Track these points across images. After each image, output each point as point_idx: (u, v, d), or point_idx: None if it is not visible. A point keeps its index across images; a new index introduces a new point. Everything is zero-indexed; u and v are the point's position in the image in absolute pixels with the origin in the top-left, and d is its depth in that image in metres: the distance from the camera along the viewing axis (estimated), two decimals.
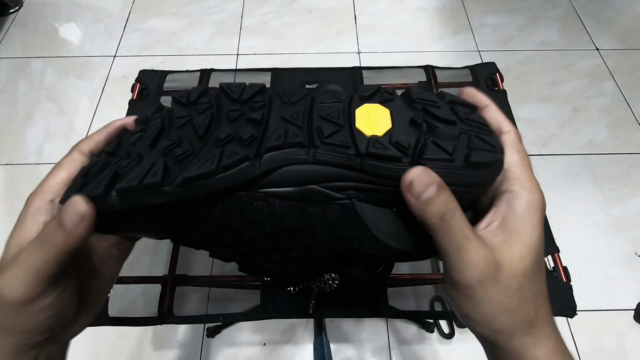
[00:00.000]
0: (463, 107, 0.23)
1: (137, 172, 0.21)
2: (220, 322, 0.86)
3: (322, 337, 0.76)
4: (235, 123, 0.23)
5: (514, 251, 0.21)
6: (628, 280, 0.99)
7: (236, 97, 0.25)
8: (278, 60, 1.38)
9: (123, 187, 0.20)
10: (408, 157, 0.21)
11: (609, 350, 0.91)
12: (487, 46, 1.42)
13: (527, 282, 0.21)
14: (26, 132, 1.23)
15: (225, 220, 0.23)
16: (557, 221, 1.04)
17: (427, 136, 0.22)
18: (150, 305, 0.46)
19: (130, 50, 1.42)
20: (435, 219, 0.20)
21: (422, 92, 0.24)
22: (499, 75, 0.61)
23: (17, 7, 1.53)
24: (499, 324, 0.21)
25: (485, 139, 0.22)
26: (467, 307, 0.21)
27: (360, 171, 0.22)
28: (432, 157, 0.20)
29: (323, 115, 0.23)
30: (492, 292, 0.20)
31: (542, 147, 1.20)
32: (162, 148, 0.22)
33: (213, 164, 0.20)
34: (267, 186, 0.22)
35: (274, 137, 0.22)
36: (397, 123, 0.22)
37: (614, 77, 1.34)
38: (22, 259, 0.20)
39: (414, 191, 0.20)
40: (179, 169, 0.21)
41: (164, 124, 0.24)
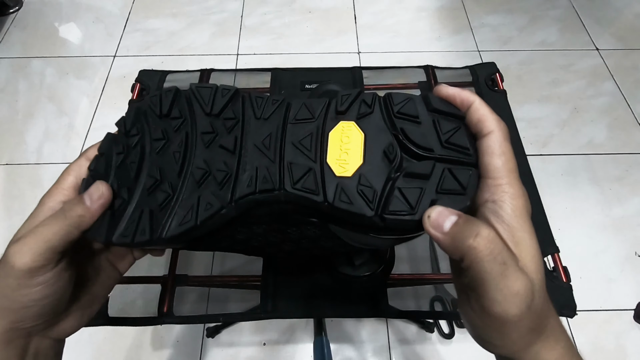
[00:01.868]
0: (447, 121, 0.23)
1: (129, 223, 0.24)
2: (220, 322, 0.86)
3: (322, 337, 0.76)
4: (210, 150, 0.25)
5: (525, 263, 0.20)
6: (628, 280, 0.99)
7: (208, 110, 0.25)
8: (278, 60, 1.38)
9: (118, 242, 0.24)
10: (372, 210, 0.21)
11: (609, 350, 0.91)
12: (487, 46, 1.42)
13: (536, 292, 0.20)
14: (26, 132, 1.23)
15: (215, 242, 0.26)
16: (557, 221, 1.04)
17: (398, 177, 0.22)
18: (150, 305, 0.46)
19: (130, 50, 1.42)
20: (468, 242, 0.19)
21: (404, 103, 0.23)
22: (499, 75, 0.61)
23: (17, 7, 1.53)
24: (521, 344, 0.20)
25: (458, 176, 0.21)
26: (494, 337, 0.21)
27: (329, 213, 0.23)
28: (394, 211, 0.21)
29: (295, 142, 0.24)
30: (525, 321, 0.19)
31: (542, 147, 1.20)
32: (145, 187, 0.24)
33: (192, 220, 0.23)
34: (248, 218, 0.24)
35: (246, 182, 0.23)
36: (370, 155, 0.23)
37: (614, 77, 1.34)
38: (38, 229, 0.22)
39: (434, 224, 0.20)
40: (164, 218, 0.23)
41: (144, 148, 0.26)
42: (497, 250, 0.19)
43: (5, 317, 0.22)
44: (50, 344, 0.25)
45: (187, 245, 0.27)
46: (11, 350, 0.23)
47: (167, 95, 0.26)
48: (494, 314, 0.19)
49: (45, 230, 0.22)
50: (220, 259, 0.97)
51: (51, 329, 0.25)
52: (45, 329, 0.25)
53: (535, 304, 0.19)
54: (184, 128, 0.25)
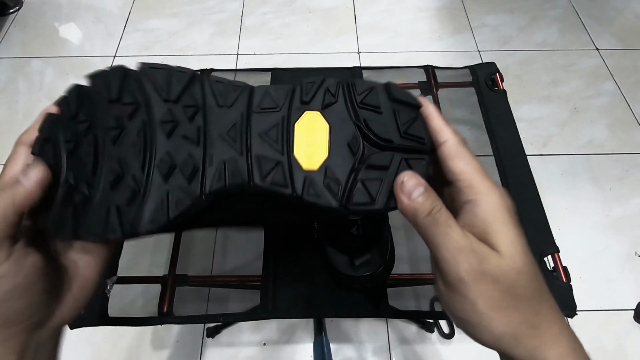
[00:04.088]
0: (405, 112, 0.24)
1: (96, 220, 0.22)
2: (220, 322, 0.86)
3: (322, 337, 0.76)
4: (172, 141, 0.23)
5: (501, 250, 0.21)
6: (628, 280, 0.99)
7: (165, 95, 0.24)
8: (278, 60, 1.38)
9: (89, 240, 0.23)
10: (337, 201, 0.23)
11: (609, 350, 0.91)
12: (487, 46, 1.42)
13: (521, 281, 0.20)
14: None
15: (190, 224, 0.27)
16: (557, 221, 1.04)
17: (360, 169, 0.24)
18: (150, 305, 0.46)
19: (130, 50, 1.42)
20: (424, 215, 0.22)
21: (366, 93, 0.24)
22: (499, 75, 0.61)
23: (17, 7, 1.53)
24: (498, 325, 0.20)
25: (413, 165, 0.23)
26: (461, 306, 0.21)
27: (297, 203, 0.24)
28: (357, 203, 0.23)
29: (261, 134, 0.24)
30: (482, 287, 0.20)
31: (542, 147, 1.20)
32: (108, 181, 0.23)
33: (163, 216, 0.22)
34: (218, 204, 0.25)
35: (215, 177, 0.23)
36: (334, 147, 0.24)
37: (614, 77, 1.34)
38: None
39: (405, 190, 0.22)
40: (133, 213, 0.22)
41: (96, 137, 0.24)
42: (442, 217, 0.21)
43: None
44: (49, 334, 0.25)
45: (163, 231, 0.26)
46: (10, 347, 0.22)
47: (115, 77, 0.24)
48: (447, 273, 0.21)
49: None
50: (220, 258, 0.97)
51: (48, 320, 0.24)
52: (41, 322, 0.24)
53: (500, 274, 0.20)
54: (139, 115, 0.24)
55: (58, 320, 0.25)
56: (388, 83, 0.25)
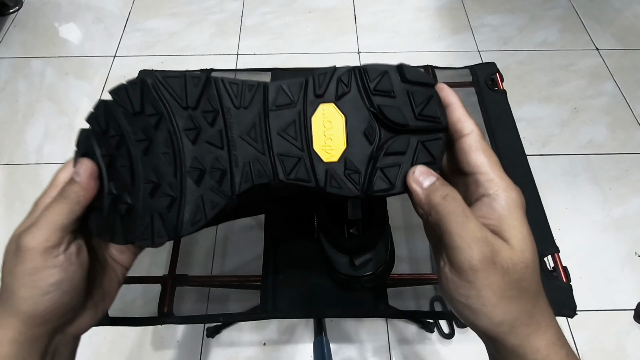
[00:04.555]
0: (420, 92, 0.25)
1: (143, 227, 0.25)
2: (220, 322, 0.86)
3: (322, 337, 0.76)
4: (198, 147, 0.25)
5: (512, 243, 0.22)
6: (628, 280, 0.99)
7: (184, 103, 0.26)
8: (278, 60, 1.38)
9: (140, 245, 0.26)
10: (358, 190, 0.25)
11: (609, 350, 0.91)
12: (487, 46, 1.42)
13: (527, 274, 0.21)
14: (26, 132, 1.23)
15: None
16: (557, 221, 1.04)
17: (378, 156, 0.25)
18: (150, 305, 0.46)
19: (130, 50, 1.42)
20: (439, 199, 0.22)
21: (379, 79, 0.25)
22: (499, 75, 0.61)
23: (17, 7, 1.53)
24: (500, 313, 0.21)
25: (430, 147, 0.24)
26: (467, 292, 0.21)
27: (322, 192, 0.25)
28: (377, 190, 0.24)
29: (280, 132, 0.25)
30: (492, 276, 0.21)
31: (542, 147, 1.20)
32: (147, 191, 0.25)
33: (202, 219, 0.24)
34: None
35: (243, 178, 0.25)
36: (352, 138, 0.25)
37: (614, 77, 1.34)
38: (44, 214, 0.23)
39: (417, 180, 0.24)
40: (174, 217, 0.25)
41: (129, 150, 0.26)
42: (459, 207, 0.22)
43: (29, 309, 0.23)
44: (67, 340, 0.26)
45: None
46: (33, 348, 0.23)
47: (134, 89, 0.26)
48: (459, 262, 0.21)
49: (50, 213, 0.23)
50: (220, 258, 0.97)
51: (70, 325, 0.26)
52: (66, 324, 0.25)
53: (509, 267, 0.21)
54: (163, 125, 0.26)
55: (77, 327, 0.26)
56: (401, 64, 0.25)
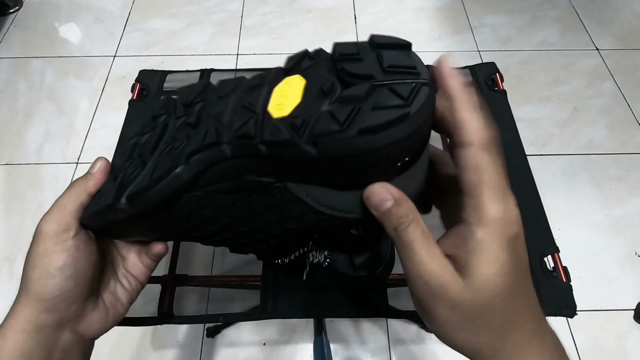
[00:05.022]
0: (392, 50, 0.21)
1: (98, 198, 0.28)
2: (220, 322, 0.86)
3: (322, 337, 0.76)
4: (179, 130, 0.27)
5: (470, 283, 0.19)
6: (628, 280, 0.99)
7: (184, 101, 0.28)
8: (278, 60, 1.36)
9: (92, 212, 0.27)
10: (302, 137, 0.20)
11: (609, 350, 0.91)
12: (487, 46, 1.42)
13: (485, 313, 0.20)
14: (26, 132, 1.23)
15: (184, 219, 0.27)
16: (557, 221, 1.04)
17: (332, 104, 0.20)
18: (150, 305, 0.46)
19: (130, 50, 1.42)
20: (390, 229, 0.21)
21: (346, 46, 0.23)
22: (499, 75, 0.61)
23: (17, 7, 1.53)
24: (458, 340, 0.21)
25: (398, 89, 0.19)
26: (425, 319, 0.22)
27: (270, 157, 0.22)
28: (323, 132, 0.19)
29: (244, 104, 0.24)
30: (439, 309, 0.20)
31: (542, 147, 1.20)
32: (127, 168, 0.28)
33: (145, 180, 0.25)
34: (206, 185, 0.25)
35: (195, 141, 0.24)
36: (307, 94, 0.22)
37: (614, 77, 1.34)
38: (56, 202, 0.27)
39: (371, 205, 0.21)
40: (130, 182, 0.26)
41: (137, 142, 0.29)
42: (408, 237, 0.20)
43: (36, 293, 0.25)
44: (78, 340, 0.27)
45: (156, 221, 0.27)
46: (41, 339, 0.24)
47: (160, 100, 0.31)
48: (410, 288, 0.21)
49: (61, 200, 0.27)
50: (220, 258, 0.97)
51: (78, 322, 0.27)
52: (73, 319, 0.26)
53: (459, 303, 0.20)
54: (165, 119, 0.29)
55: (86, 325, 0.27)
56: (373, 35, 0.23)
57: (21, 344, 0.23)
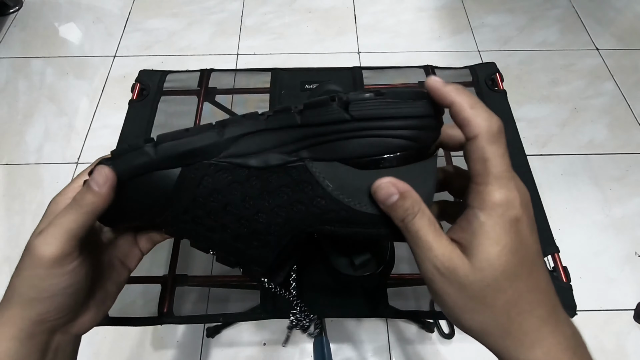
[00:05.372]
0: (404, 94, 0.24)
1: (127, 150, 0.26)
2: (220, 322, 0.86)
3: (322, 337, 0.76)
4: None
5: (474, 262, 0.21)
6: (628, 280, 0.99)
7: None
8: (278, 60, 1.38)
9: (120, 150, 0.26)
10: (334, 100, 0.23)
11: (609, 350, 0.91)
12: (487, 46, 1.42)
13: (489, 292, 0.21)
14: (26, 132, 1.23)
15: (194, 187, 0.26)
16: (557, 221, 1.04)
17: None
18: (150, 305, 0.46)
19: (130, 50, 1.42)
20: (398, 221, 0.23)
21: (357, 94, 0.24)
22: (499, 75, 0.61)
23: (17, 7, 1.53)
24: (467, 320, 0.22)
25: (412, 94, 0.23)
26: (435, 299, 0.23)
27: (303, 125, 0.24)
28: (359, 97, 0.23)
29: None
30: (448, 289, 0.22)
31: (542, 147, 1.20)
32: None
33: (180, 133, 0.25)
34: (232, 156, 0.26)
35: (235, 118, 0.26)
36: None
37: (614, 77, 1.34)
38: (58, 220, 0.23)
39: (378, 198, 0.23)
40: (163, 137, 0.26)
41: None
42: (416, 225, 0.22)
43: (33, 309, 0.23)
44: (69, 339, 0.26)
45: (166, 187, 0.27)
46: (33, 346, 0.23)
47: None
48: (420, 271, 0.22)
49: (65, 220, 0.23)
50: None
51: (72, 324, 0.26)
52: (66, 324, 0.26)
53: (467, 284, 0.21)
54: None
55: (79, 327, 0.27)
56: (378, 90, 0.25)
57: (14, 351, 0.23)
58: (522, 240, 0.21)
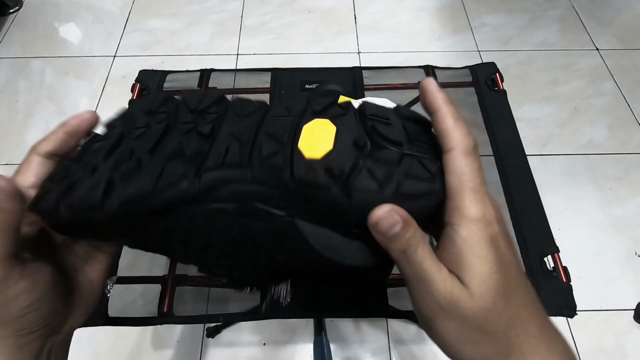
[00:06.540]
0: (416, 125, 0.23)
1: (83, 189, 0.22)
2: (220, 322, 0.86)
3: (322, 337, 0.76)
4: (187, 136, 0.24)
5: (472, 288, 0.20)
6: (628, 280, 0.99)
7: (193, 107, 0.25)
8: (278, 60, 1.38)
9: (68, 205, 0.22)
10: (337, 186, 0.21)
11: (609, 350, 0.91)
12: (487, 46, 1.42)
13: (491, 318, 0.20)
14: (26, 132, 1.23)
15: (169, 230, 0.24)
16: (557, 221, 1.04)
17: (366, 160, 0.22)
18: (150, 305, 0.46)
19: (130, 50, 1.42)
20: (398, 253, 0.21)
21: (376, 108, 0.24)
22: (499, 75, 0.61)
23: (17, 7, 1.53)
24: (467, 353, 0.21)
25: (427, 164, 0.21)
26: (433, 336, 0.22)
27: (295, 194, 0.22)
28: (361, 188, 0.21)
29: (269, 131, 0.24)
30: (451, 325, 0.20)
31: (542, 147, 1.20)
32: (114, 161, 0.23)
33: (148, 185, 0.22)
34: (210, 201, 0.23)
35: (214, 156, 0.23)
36: (340, 143, 0.22)
37: (614, 77, 1.34)
38: None
39: (380, 230, 0.21)
40: (122, 186, 0.22)
41: (123, 134, 0.25)
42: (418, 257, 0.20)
43: (9, 328, 0.22)
44: (63, 338, 0.26)
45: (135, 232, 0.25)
46: (26, 353, 0.23)
47: (156, 96, 0.27)
48: (418, 311, 0.22)
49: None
50: None
51: (63, 325, 0.25)
52: (56, 328, 0.25)
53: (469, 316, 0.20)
54: (166, 120, 0.25)
55: (70, 324, 0.26)
56: (397, 105, 0.24)
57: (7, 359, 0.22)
58: (503, 255, 0.21)
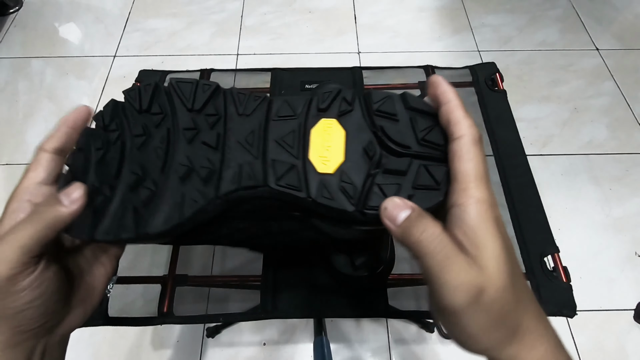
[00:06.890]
0: (423, 119, 0.24)
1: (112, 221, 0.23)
2: (220, 322, 0.86)
3: (322, 337, 0.76)
4: (192, 146, 0.25)
5: (490, 270, 0.20)
6: (628, 280, 0.99)
7: (189, 105, 0.25)
8: (278, 60, 1.38)
9: (102, 239, 0.23)
10: (353, 205, 0.23)
11: (609, 350, 0.91)
12: (487, 46, 1.42)
13: (506, 296, 0.20)
14: (26, 132, 1.23)
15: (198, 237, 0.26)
16: (557, 221, 1.04)
17: (377, 172, 0.23)
18: (150, 305, 0.46)
19: (130, 50, 1.42)
20: (415, 237, 0.20)
21: (383, 101, 0.24)
22: (499, 75, 0.61)
23: (17, 7, 1.53)
24: (486, 341, 0.21)
25: (433, 172, 0.23)
26: (455, 331, 0.21)
27: (311, 208, 0.24)
28: (373, 207, 0.22)
29: (278, 139, 0.24)
30: (476, 315, 0.20)
31: (542, 147, 1.20)
32: (128, 184, 0.24)
33: (176, 217, 0.23)
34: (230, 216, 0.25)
35: (230, 179, 0.24)
36: (350, 152, 0.24)
37: (614, 77, 1.34)
38: (10, 236, 0.22)
39: (389, 216, 0.21)
40: (148, 213, 0.23)
41: (124, 144, 0.25)
42: (440, 246, 0.20)
43: (5, 324, 0.22)
44: (57, 340, 0.25)
45: (172, 240, 0.27)
46: (18, 352, 0.23)
47: (147, 90, 0.26)
48: (441, 305, 0.20)
49: (19, 236, 0.21)
50: (220, 258, 0.97)
51: (58, 327, 0.25)
52: (50, 328, 0.25)
53: (492, 300, 0.20)
54: (165, 124, 0.25)
55: (66, 327, 0.26)
56: (404, 93, 0.25)
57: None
58: (504, 235, 0.21)
